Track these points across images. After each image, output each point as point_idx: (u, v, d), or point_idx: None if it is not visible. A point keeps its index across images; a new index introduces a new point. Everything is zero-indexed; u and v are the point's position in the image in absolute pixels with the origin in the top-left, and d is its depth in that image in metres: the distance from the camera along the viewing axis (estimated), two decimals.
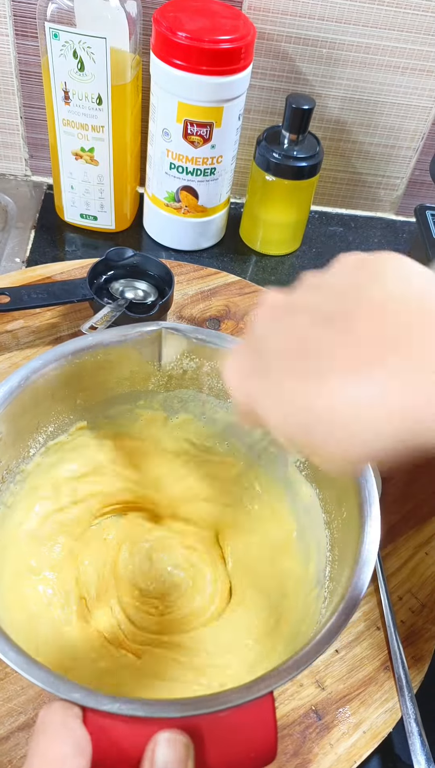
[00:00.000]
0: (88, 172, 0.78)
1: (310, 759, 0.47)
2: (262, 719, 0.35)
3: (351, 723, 0.48)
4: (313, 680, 0.50)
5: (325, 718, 0.48)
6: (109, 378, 0.53)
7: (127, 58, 0.69)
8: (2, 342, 0.67)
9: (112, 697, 0.33)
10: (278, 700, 0.49)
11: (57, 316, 0.70)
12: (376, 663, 0.51)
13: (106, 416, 0.55)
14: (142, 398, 0.55)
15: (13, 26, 0.76)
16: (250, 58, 0.70)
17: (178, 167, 0.75)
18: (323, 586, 0.45)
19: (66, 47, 0.67)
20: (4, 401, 0.46)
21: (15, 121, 0.84)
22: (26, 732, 0.46)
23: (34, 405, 0.48)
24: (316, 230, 0.92)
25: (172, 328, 0.51)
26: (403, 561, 0.57)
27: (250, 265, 0.86)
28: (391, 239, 0.93)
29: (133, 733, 0.33)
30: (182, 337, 0.51)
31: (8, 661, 0.36)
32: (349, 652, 0.51)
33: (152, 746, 0.32)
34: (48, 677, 0.35)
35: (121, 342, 0.51)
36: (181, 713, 0.34)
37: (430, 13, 0.76)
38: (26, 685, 0.48)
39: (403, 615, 0.54)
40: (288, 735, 0.48)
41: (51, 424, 0.51)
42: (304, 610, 0.46)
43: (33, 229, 0.84)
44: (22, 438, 0.49)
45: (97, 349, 0.50)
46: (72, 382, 0.50)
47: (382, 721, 0.49)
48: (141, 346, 0.51)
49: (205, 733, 0.34)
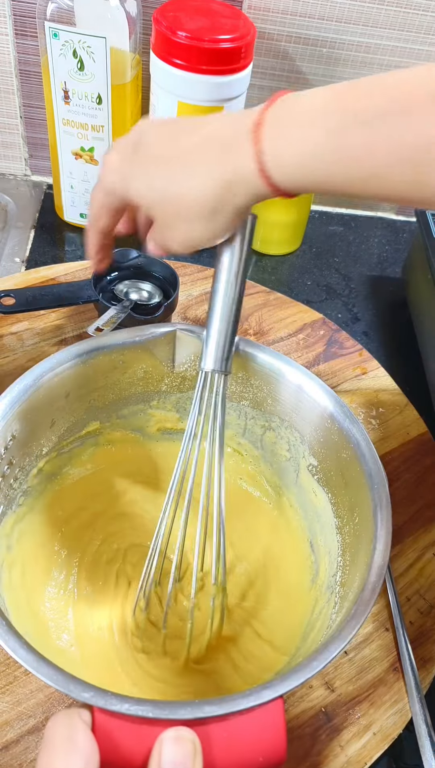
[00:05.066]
0: (88, 172, 0.78)
1: (320, 761, 0.47)
2: (272, 723, 0.35)
3: (361, 725, 0.48)
4: (323, 682, 0.50)
5: (335, 720, 0.48)
6: (122, 378, 0.53)
7: (127, 58, 0.69)
8: (7, 344, 0.67)
9: (121, 698, 0.33)
10: (288, 702, 0.49)
11: (62, 317, 0.70)
12: (385, 664, 0.51)
13: (120, 416, 0.55)
14: (155, 399, 0.55)
15: (12, 26, 0.75)
16: (250, 58, 0.70)
17: None
18: (334, 591, 0.45)
19: (66, 47, 0.67)
20: (19, 400, 0.46)
21: (15, 121, 0.84)
22: (36, 735, 0.46)
23: (48, 404, 0.49)
24: (317, 230, 0.92)
25: (187, 329, 0.51)
26: (410, 562, 0.57)
27: (250, 264, 0.85)
28: (392, 239, 0.93)
29: (142, 735, 0.33)
30: (196, 339, 0.51)
31: (18, 658, 0.36)
32: (359, 653, 0.52)
33: (159, 745, 0.33)
34: (58, 676, 0.35)
35: (135, 343, 0.51)
36: (192, 715, 0.34)
37: (430, 13, 0.76)
38: (35, 688, 0.48)
39: (411, 616, 0.54)
40: (298, 737, 0.48)
41: (64, 423, 0.52)
42: (315, 615, 0.47)
43: (33, 229, 0.84)
44: (36, 436, 0.49)
45: (112, 349, 0.50)
46: (86, 382, 0.51)
47: (392, 722, 0.49)
48: (155, 348, 0.52)
49: (215, 735, 0.34)
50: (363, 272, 0.87)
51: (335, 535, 0.48)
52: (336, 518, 0.49)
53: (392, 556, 0.57)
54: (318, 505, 0.51)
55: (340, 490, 0.49)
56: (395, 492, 0.61)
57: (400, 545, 0.58)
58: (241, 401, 0.55)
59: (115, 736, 0.33)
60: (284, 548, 0.54)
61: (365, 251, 0.90)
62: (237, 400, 0.55)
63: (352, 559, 0.45)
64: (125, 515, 0.56)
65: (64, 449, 0.53)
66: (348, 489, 0.47)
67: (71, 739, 0.32)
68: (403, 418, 0.68)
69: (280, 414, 0.53)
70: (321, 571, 0.50)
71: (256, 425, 0.56)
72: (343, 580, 0.45)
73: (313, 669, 0.36)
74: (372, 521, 0.42)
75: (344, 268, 0.87)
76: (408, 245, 0.92)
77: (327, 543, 0.50)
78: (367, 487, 0.44)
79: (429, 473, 0.63)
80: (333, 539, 0.49)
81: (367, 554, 0.41)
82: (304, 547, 0.53)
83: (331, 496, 0.50)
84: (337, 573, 0.46)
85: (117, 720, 0.34)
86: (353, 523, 0.46)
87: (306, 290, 0.83)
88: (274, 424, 0.54)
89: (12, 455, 0.47)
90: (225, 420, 0.48)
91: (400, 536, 0.58)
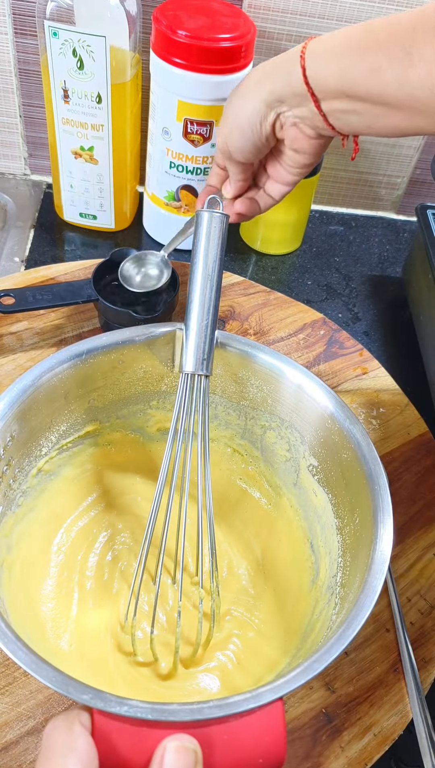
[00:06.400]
0: (88, 171, 0.77)
1: (321, 762, 0.47)
2: (272, 725, 0.35)
3: (361, 726, 0.48)
4: (323, 683, 0.50)
5: (336, 721, 0.48)
6: (122, 378, 0.53)
7: (127, 57, 0.69)
8: (7, 344, 0.67)
9: (120, 699, 0.33)
10: (288, 703, 0.49)
11: (61, 317, 0.70)
12: (385, 665, 0.51)
13: (119, 416, 0.55)
14: (154, 399, 0.55)
15: (12, 25, 0.75)
16: (251, 57, 0.70)
17: (178, 166, 0.75)
18: (334, 592, 0.45)
19: (65, 46, 0.66)
20: (17, 400, 0.46)
21: (14, 120, 0.83)
22: (35, 737, 0.45)
23: (47, 404, 0.49)
24: (317, 229, 0.92)
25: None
26: (411, 563, 0.57)
27: (250, 264, 0.85)
28: (392, 238, 0.93)
29: (141, 738, 0.33)
30: None
31: (17, 660, 0.35)
32: (359, 654, 0.51)
33: (160, 752, 0.32)
34: (57, 677, 0.35)
35: (134, 343, 0.51)
36: (191, 717, 0.33)
37: None
38: (35, 689, 0.47)
39: (412, 617, 0.54)
40: (298, 738, 0.47)
41: (63, 423, 0.51)
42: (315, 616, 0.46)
43: (32, 229, 0.83)
44: (35, 437, 0.49)
45: (111, 349, 0.50)
46: (85, 382, 0.51)
47: (393, 723, 0.49)
48: (154, 347, 0.52)
49: (214, 738, 0.34)
50: (363, 272, 0.87)
51: (335, 535, 0.48)
52: (336, 519, 0.49)
53: (393, 556, 0.57)
54: (318, 506, 0.51)
55: (340, 491, 0.49)
56: (396, 492, 0.61)
57: (401, 546, 0.58)
58: (241, 401, 0.55)
59: (115, 739, 0.33)
60: (284, 549, 0.54)
61: (366, 251, 0.90)
62: (237, 400, 0.55)
63: (352, 560, 0.45)
64: (125, 516, 0.56)
65: (63, 449, 0.53)
66: (348, 489, 0.47)
67: (70, 744, 0.31)
68: (404, 419, 0.67)
69: (281, 414, 0.53)
70: (321, 572, 0.49)
71: (256, 425, 0.56)
72: (344, 581, 0.45)
73: (313, 670, 0.36)
74: (372, 522, 0.42)
75: (344, 268, 0.87)
76: (408, 245, 0.92)
77: (327, 544, 0.49)
78: (367, 487, 0.44)
79: (430, 473, 0.63)
80: (333, 540, 0.48)
81: (368, 555, 0.41)
82: (304, 547, 0.53)
83: (331, 497, 0.50)
84: (338, 574, 0.46)
85: (116, 722, 0.33)
86: (354, 523, 0.46)
87: (306, 290, 0.83)
88: (274, 425, 0.54)
89: (11, 456, 0.47)
90: (208, 419, 0.49)
91: (401, 537, 0.58)
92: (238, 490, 0.59)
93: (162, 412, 0.57)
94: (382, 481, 0.43)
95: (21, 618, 0.45)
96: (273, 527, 0.56)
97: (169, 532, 0.48)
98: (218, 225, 0.49)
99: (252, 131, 0.51)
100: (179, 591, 0.48)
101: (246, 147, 0.52)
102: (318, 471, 0.51)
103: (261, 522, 0.56)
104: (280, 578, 0.53)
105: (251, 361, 0.52)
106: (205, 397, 0.48)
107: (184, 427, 0.48)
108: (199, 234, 0.49)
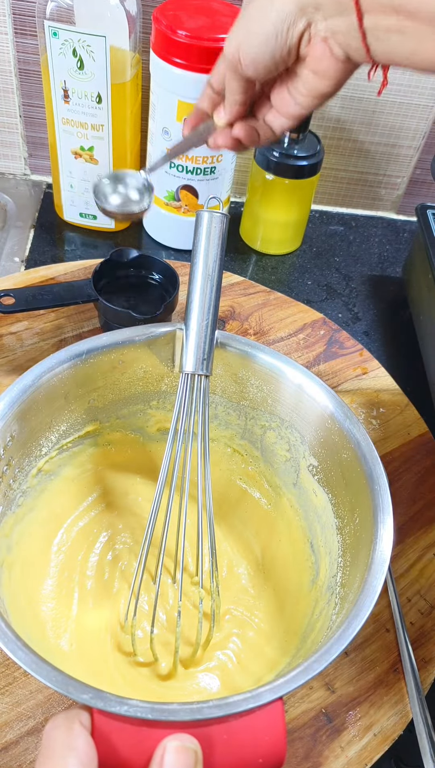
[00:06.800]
0: (88, 171, 0.77)
1: (321, 762, 0.47)
2: (272, 725, 0.35)
3: (361, 725, 0.48)
4: (323, 683, 0.50)
5: (336, 721, 0.48)
6: (122, 378, 0.53)
7: (127, 57, 0.69)
8: (6, 344, 0.67)
9: (120, 699, 0.33)
10: (288, 703, 0.49)
11: (61, 317, 0.70)
12: (385, 665, 0.51)
13: (119, 416, 0.55)
14: (154, 399, 0.55)
15: (12, 24, 0.75)
16: None
17: (178, 166, 0.75)
18: (334, 592, 0.45)
19: (65, 46, 0.66)
20: (17, 400, 0.46)
21: (14, 120, 0.83)
22: (35, 737, 0.45)
23: (47, 404, 0.49)
24: (317, 229, 0.92)
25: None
26: (411, 563, 0.57)
27: (250, 264, 0.85)
28: (392, 238, 0.93)
29: (141, 738, 0.33)
30: None
31: (17, 660, 0.35)
32: (359, 654, 0.51)
33: (160, 752, 0.32)
34: (57, 677, 0.35)
35: (134, 343, 0.51)
36: (191, 717, 0.33)
37: None
38: (35, 689, 0.47)
39: (412, 617, 0.54)
40: (298, 738, 0.47)
41: (64, 423, 0.51)
42: (315, 616, 0.46)
43: (32, 229, 0.83)
44: (35, 437, 0.49)
45: (111, 349, 0.50)
46: (85, 382, 0.51)
47: (393, 723, 0.49)
48: (154, 347, 0.52)
49: (214, 737, 0.34)
50: (363, 272, 0.87)
51: (336, 535, 0.48)
52: (336, 519, 0.49)
53: (393, 556, 0.57)
54: (318, 506, 0.51)
55: (340, 491, 0.49)
56: (396, 492, 0.61)
57: (401, 546, 0.58)
58: (241, 401, 0.55)
59: (114, 738, 0.33)
60: (284, 549, 0.54)
61: (366, 251, 0.90)
62: (237, 400, 0.55)
63: (352, 560, 0.45)
64: (125, 516, 0.56)
65: (63, 449, 0.53)
66: (348, 489, 0.47)
67: (70, 743, 0.31)
68: (404, 418, 0.68)
69: (281, 414, 0.53)
70: (321, 572, 0.49)
71: (256, 425, 0.56)
72: (344, 580, 0.45)
73: (313, 670, 0.36)
74: (372, 522, 0.42)
75: (344, 268, 0.87)
76: (408, 245, 0.92)
77: (327, 543, 0.49)
78: (367, 487, 0.44)
79: (430, 473, 0.63)
80: (333, 540, 0.48)
81: (368, 555, 0.41)
82: (304, 547, 0.53)
83: (331, 497, 0.50)
84: (338, 574, 0.46)
85: (116, 722, 0.33)
86: (354, 523, 0.46)
87: (306, 290, 0.83)
88: (275, 425, 0.54)
89: (11, 456, 0.47)
90: (208, 419, 0.49)
91: (401, 537, 0.58)
92: (238, 490, 0.59)
93: (162, 412, 0.57)
94: (382, 481, 0.43)
95: (21, 618, 0.45)
96: (273, 527, 0.56)
97: (169, 532, 0.48)
98: (218, 225, 0.49)
99: (276, 37, 0.43)
100: (179, 591, 0.48)
101: (263, 58, 0.44)
102: (318, 471, 0.51)
103: (261, 522, 0.57)
104: (280, 578, 0.53)
105: (251, 361, 0.52)
106: (205, 397, 0.48)
107: (184, 427, 0.48)
108: (199, 234, 0.49)
